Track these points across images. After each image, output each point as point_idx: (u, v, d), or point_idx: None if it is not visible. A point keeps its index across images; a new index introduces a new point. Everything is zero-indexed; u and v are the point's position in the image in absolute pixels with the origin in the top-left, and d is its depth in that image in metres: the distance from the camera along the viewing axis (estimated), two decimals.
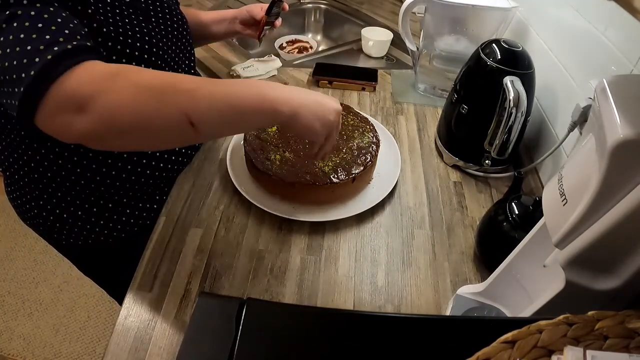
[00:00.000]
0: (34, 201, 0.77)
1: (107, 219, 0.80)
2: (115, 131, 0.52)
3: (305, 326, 0.40)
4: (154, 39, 0.70)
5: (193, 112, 0.52)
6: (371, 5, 1.62)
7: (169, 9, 0.76)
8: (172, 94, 0.52)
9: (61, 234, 0.81)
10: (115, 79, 0.51)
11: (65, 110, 0.50)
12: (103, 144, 0.56)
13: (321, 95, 0.64)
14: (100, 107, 0.49)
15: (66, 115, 0.50)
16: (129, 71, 0.52)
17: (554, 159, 0.86)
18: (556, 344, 0.33)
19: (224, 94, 0.55)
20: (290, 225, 0.79)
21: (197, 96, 0.53)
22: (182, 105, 0.52)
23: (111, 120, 0.50)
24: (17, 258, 1.88)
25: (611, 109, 0.41)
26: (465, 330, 0.40)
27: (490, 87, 0.83)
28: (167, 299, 0.67)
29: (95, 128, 0.50)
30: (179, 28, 0.79)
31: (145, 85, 0.52)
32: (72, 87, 0.49)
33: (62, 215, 0.78)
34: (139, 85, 0.51)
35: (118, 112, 0.50)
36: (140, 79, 0.52)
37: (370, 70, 1.20)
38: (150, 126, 0.52)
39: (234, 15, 1.02)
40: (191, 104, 0.52)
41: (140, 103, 0.51)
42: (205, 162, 0.90)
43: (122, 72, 0.51)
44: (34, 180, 0.75)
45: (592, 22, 0.76)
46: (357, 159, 0.83)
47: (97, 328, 1.66)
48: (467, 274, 0.74)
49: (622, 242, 0.42)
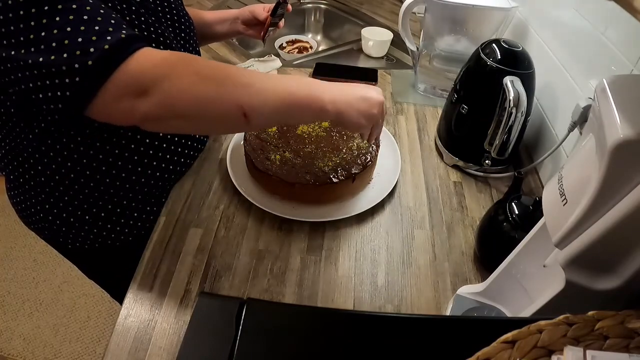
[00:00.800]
0: (39, 205, 0.76)
1: (114, 222, 0.80)
2: (174, 114, 0.55)
3: (305, 326, 0.40)
4: (167, 39, 0.70)
5: (247, 105, 0.56)
6: (371, 5, 1.62)
7: (177, 9, 0.76)
8: (230, 85, 0.56)
9: (67, 238, 0.80)
10: (177, 65, 0.54)
11: (128, 95, 0.52)
12: (160, 126, 0.60)
13: (365, 89, 0.67)
14: (162, 92, 0.52)
15: (128, 99, 0.52)
16: (188, 59, 0.55)
17: (554, 159, 0.86)
18: (556, 344, 0.33)
19: (276, 92, 0.58)
20: (290, 225, 0.79)
21: (252, 91, 0.57)
22: (238, 98, 0.56)
23: (172, 104, 0.54)
24: (17, 258, 1.88)
25: (611, 109, 0.41)
26: (465, 330, 0.40)
27: (490, 87, 0.83)
28: (167, 299, 0.67)
29: (156, 111, 0.54)
30: (187, 29, 0.79)
31: (205, 74, 0.55)
32: (135, 72, 0.52)
33: (68, 220, 0.77)
34: (199, 73, 0.54)
35: (179, 97, 0.53)
36: (199, 67, 0.55)
37: (370, 70, 1.20)
38: (207, 113, 0.56)
39: (236, 16, 1.02)
40: (246, 97, 0.56)
41: (199, 91, 0.54)
42: (205, 162, 0.90)
43: (182, 60, 0.54)
44: (39, 185, 0.74)
45: (592, 22, 0.76)
46: (357, 159, 0.83)
47: (97, 328, 1.66)
48: (467, 274, 0.74)
49: (622, 242, 0.42)
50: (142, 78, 0.52)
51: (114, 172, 0.74)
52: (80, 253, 0.85)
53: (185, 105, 0.54)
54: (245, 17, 1.01)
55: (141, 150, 0.74)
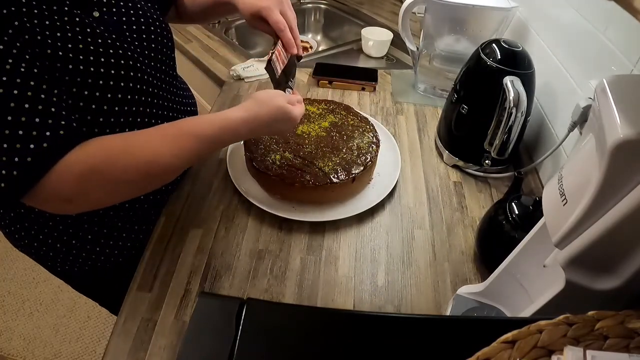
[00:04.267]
0: (24, 231, 0.75)
1: (102, 245, 0.78)
2: (104, 205, 0.64)
3: (305, 326, 0.40)
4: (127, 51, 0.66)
5: (167, 175, 0.63)
6: (371, 5, 1.62)
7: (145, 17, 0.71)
8: (149, 181, 0.62)
9: (54, 262, 0.79)
10: (92, 179, 0.55)
11: (54, 200, 0.55)
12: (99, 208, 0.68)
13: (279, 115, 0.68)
14: (86, 203, 0.58)
15: (55, 203, 0.56)
16: (102, 169, 0.56)
17: (554, 159, 0.86)
18: (556, 344, 0.33)
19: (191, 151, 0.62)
20: (290, 225, 0.79)
21: (174, 172, 0.63)
22: (158, 178, 0.62)
23: (98, 205, 0.61)
24: (17, 258, 1.88)
25: (611, 109, 0.41)
26: (465, 330, 0.40)
27: (490, 87, 0.83)
28: (167, 299, 0.67)
29: (87, 208, 0.60)
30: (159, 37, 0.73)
31: (122, 181, 0.58)
32: (54, 190, 0.54)
33: (55, 245, 0.76)
34: (116, 182, 0.57)
35: (102, 203, 0.61)
36: (115, 171, 0.57)
37: (370, 70, 1.20)
38: (135, 195, 0.65)
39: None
40: (168, 178, 0.63)
41: (119, 196, 0.62)
42: (206, 162, 0.90)
43: (97, 171, 0.56)
44: (26, 211, 0.72)
45: (592, 22, 0.76)
46: (357, 159, 0.83)
47: (97, 328, 1.66)
48: (467, 274, 0.74)
49: (622, 242, 0.42)
50: (62, 193, 0.54)
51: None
52: (71, 275, 0.83)
53: (112, 202, 0.63)
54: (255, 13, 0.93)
55: None
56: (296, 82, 1.03)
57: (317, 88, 1.16)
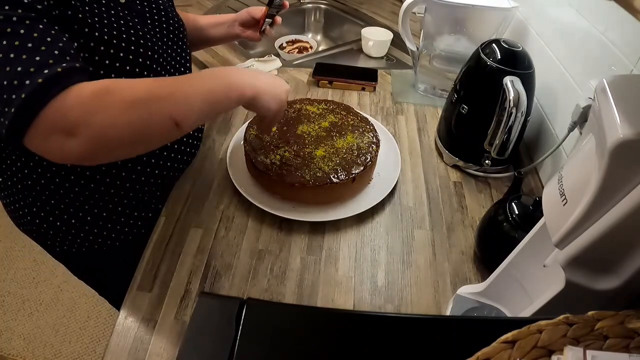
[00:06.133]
0: (27, 208, 0.76)
1: (102, 226, 0.79)
2: (106, 149, 0.55)
3: (305, 326, 0.40)
4: (149, 41, 0.69)
5: (176, 115, 0.57)
6: (371, 5, 1.62)
7: (165, 11, 0.76)
8: (155, 103, 0.56)
9: (55, 240, 0.80)
10: (102, 99, 0.52)
11: (56, 134, 0.51)
12: (94, 161, 0.60)
13: (273, 77, 0.72)
14: (90, 130, 0.52)
15: (57, 138, 0.51)
16: (113, 88, 0.54)
17: (554, 159, 0.86)
18: (556, 344, 0.33)
19: (198, 93, 0.60)
20: (290, 225, 0.79)
21: (177, 100, 0.58)
22: (167, 112, 0.56)
23: (102, 139, 0.53)
24: (17, 258, 1.88)
25: (611, 109, 0.41)
26: (465, 330, 0.40)
27: (490, 87, 0.83)
28: (167, 299, 0.67)
29: (87, 149, 0.52)
30: (175, 30, 0.78)
31: (131, 101, 0.54)
32: (61, 112, 0.51)
33: (55, 223, 0.77)
34: (125, 101, 0.54)
35: (108, 132, 0.53)
36: (124, 94, 0.54)
37: (370, 70, 1.20)
38: (141, 136, 0.56)
39: (233, 19, 1.00)
40: (173, 108, 0.57)
41: (128, 119, 0.54)
42: (205, 162, 0.90)
43: (108, 91, 0.53)
44: (28, 187, 0.74)
45: (592, 22, 0.76)
46: (357, 159, 0.83)
47: (97, 328, 1.66)
48: (467, 274, 0.74)
49: (622, 242, 0.42)
50: (67, 118, 0.51)
51: (101, 176, 0.74)
52: (69, 256, 0.84)
53: (118, 136, 0.54)
54: (243, 18, 0.99)
55: None
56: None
57: (317, 88, 1.16)
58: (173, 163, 0.83)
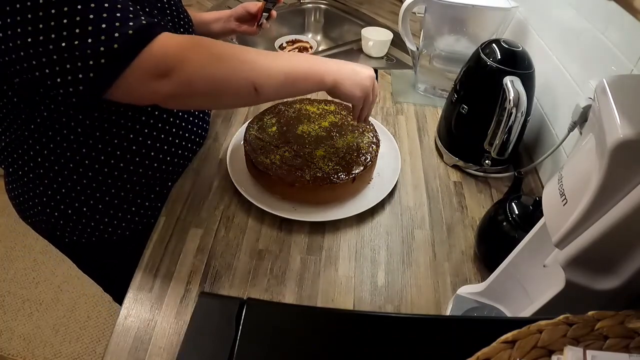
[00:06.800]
0: (36, 198, 0.77)
1: (110, 216, 0.80)
2: (193, 93, 0.60)
3: (305, 326, 0.40)
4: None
5: (257, 81, 0.62)
6: (371, 5, 1.62)
7: (176, 6, 0.78)
8: (240, 63, 0.62)
9: (63, 231, 0.80)
10: (193, 47, 0.58)
11: (151, 77, 0.56)
12: (179, 103, 0.67)
13: (357, 65, 0.74)
14: (182, 73, 0.57)
15: (151, 80, 0.56)
16: (203, 41, 0.60)
17: (554, 159, 0.86)
18: (556, 344, 0.33)
19: (281, 66, 0.65)
20: (290, 225, 0.79)
21: (260, 67, 0.63)
22: (249, 75, 0.62)
23: (191, 84, 0.58)
24: (17, 258, 1.88)
25: (611, 109, 0.41)
26: (465, 330, 0.40)
27: (490, 87, 0.83)
28: (167, 299, 0.67)
29: (177, 90, 0.58)
30: (185, 25, 0.80)
31: (219, 55, 0.60)
32: (158, 55, 0.56)
33: (64, 213, 0.78)
34: (214, 54, 0.60)
35: (197, 77, 0.58)
36: (213, 49, 0.60)
37: None
38: (223, 90, 0.62)
39: (230, 14, 1.04)
40: (256, 73, 0.62)
41: (215, 70, 0.59)
42: (205, 162, 0.90)
43: (198, 42, 0.59)
44: (36, 177, 0.75)
45: (592, 22, 0.76)
46: (357, 159, 0.83)
47: (97, 328, 1.66)
48: (467, 274, 0.74)
49: (622, 242, 0.42)
50: (163, 60, 0.56)
51: (110, 166, 0.74)
52: (76, 247, 0.85)
53: (203, 84, 0.59)
54: (239, 13, 1.03)
55: (138, 145, 0.75)
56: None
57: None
58: (183, 151, 0.84)
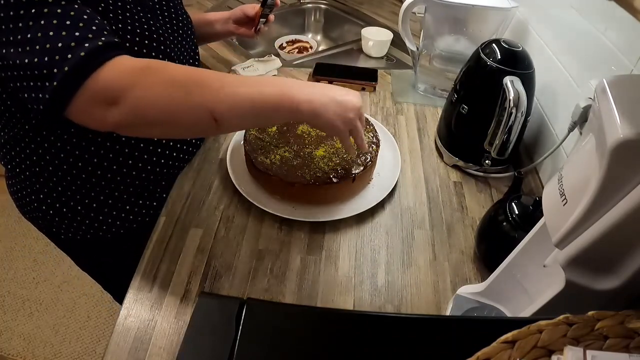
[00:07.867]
0: (34, 194, 0.78)
1: (107, 214, 0.80)
2: (145, 122, 0.56)
3: (305, 326, 0.40)
4: (161, 36, 0.71)
5: (216, 109, 0.56)
6: (371, 5, 1.62)
7: (175, 7, 0.78)
8: (199, 91, 0.55)
9: (60, 227, 0.81)
10: (145, 73, 0.54)
11: (99, 103, 0.53)
12: (133, 132, 0.62)
13: (342, 92, 0.65)
14: (131, 100, 0.53)
15: (99, 107, 0.54)
16: (157, 66, 0.56)
17: (554, 159, 0.86)
18: (556, 344, 0.33)
19: (247, 93, 0.57)
20: (290, 225, 0.79)
21: (220, 95, 0.56)
22: (207, 104, 0.55)
23: (142, 112, 0.54)
24: (17, 258, 1.88)
25: (611, 109, 0.41)
26: (465, 330, 0.40)
27: (490, 87, 0.83)
28: (167, 299, 0.67)
29: (127, 119, 0.54)
30: (184, 27, 0.80)
31: (173, 81, 0.55)
32: (105, 82, 0.53)
33: (62, 209, 0.79)
34: (167, 80, 0.55)
35: (148, 105, 0.54)
36: (168, 74, 0.56)
37: (370, 70, 1.20)
38: (176, 119, 0.56)
39: (228, 16, 1.04)
40: (215, 102, 0.56)
41: (168, 98, 0.54)
42: (205, 162, 0.90)
43: (151, 67, 0.55)
44: (35, 174, 0.75)
45: (592, 22, 0.76)
46: (357, 159, 0.83)
47: (97, 328, 1.66)
48: (467, 274, 0.74)
49: (622, 242, 0.42)
50: (111, 86, 0.53)
51: (107, 164, 0.75)
52: (73, 244, 0.85)
53: (154, 112, 0.55)
54: (237, 16, 1.03)
55: (136, 142, 0.75)
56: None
57: None
58: (179, 153, 0.84)
